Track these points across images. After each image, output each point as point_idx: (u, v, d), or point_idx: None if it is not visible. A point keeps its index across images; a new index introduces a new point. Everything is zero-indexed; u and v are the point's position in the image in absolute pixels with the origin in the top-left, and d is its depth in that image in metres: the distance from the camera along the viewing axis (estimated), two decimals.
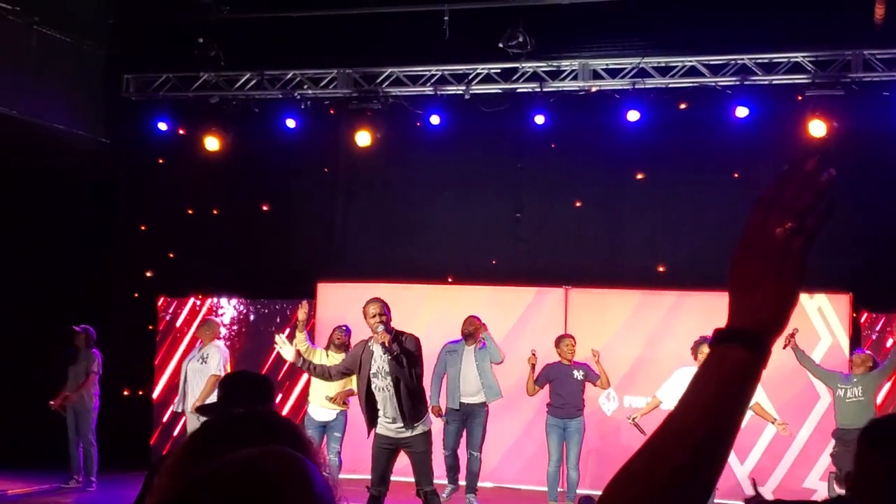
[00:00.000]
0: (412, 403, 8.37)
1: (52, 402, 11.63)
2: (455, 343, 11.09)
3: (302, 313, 9.87)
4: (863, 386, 10.35)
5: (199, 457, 1.19)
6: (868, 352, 10.79)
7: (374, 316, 8.30)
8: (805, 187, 1.29)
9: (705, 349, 9.60)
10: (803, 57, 11.58)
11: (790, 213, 1.28)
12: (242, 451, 1.16)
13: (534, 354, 10.86)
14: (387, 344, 8.21)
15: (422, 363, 8.56)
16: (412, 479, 8.70)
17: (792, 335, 10.28)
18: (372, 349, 8.41)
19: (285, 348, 8.63)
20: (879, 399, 11.23)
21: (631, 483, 1.22)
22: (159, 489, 1.21)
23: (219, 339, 11.70)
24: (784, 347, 10.15)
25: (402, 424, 8.36)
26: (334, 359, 10.60)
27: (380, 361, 8.34)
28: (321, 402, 10.64)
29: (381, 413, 8.39)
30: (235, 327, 13.57)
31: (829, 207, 1.29)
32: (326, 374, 8.89)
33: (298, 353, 8.64)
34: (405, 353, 8.29)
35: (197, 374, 10.95)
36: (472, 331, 11.01)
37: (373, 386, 8.36)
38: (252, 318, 13.56)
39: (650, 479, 1.20)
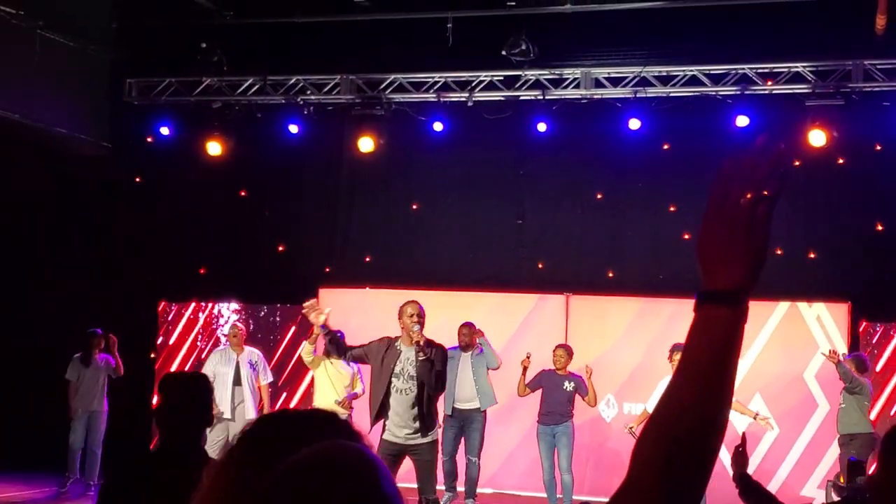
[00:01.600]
0: (430, 411, 8.34)
1: (71, 416, 11.75)
2: (453, 350, 11.10)
3: (321, 318, 10.00)
4: (843, 395, 10.53)
5: (261, 454, 1.22)
6: (850, 356, 10.89)
7: (413, 316, 8.25)
8: (760, 159, 1.41)
9: (677, 356, 9.72)
10: (804, 67, 11.62)
11: (750, 183, 1.39)
12: (315, 446, 1.22)
13: (528, 357, 10.94)
14: (421, 344, 8.16)
15: (446, 373, 8.57)
16: (410, 486, 8.71)
17: (833, 354, 10.67)
18: (399, 349, 8.30)
19: (314, 313, 8.29)
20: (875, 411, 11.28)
21: (652, 444, 1.34)
22: (214, 488, 1.23)
23: (248, 344, 11.79)
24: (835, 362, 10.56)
25: (414, 430, 8.29)
26: (337, 365, 10.73)
27: (405, 363, 8.26)
28: (329, 406, 10.70)
29: (394, 415, 8.27)
30: None
31: (784, 175, 1.40)
32: (344, 350, 8.58)
33: (326, 324, 8.29)
34: (438, 359, 8.28)
35: (251, 379, 11.29)
36: (469, 341, 11.06)
37: (392, 386, 8.25)
38: (254, 323, 13.58)
39: (668, 437, 1.33)
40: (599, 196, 12.87)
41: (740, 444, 4.51)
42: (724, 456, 11.62)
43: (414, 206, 13.35)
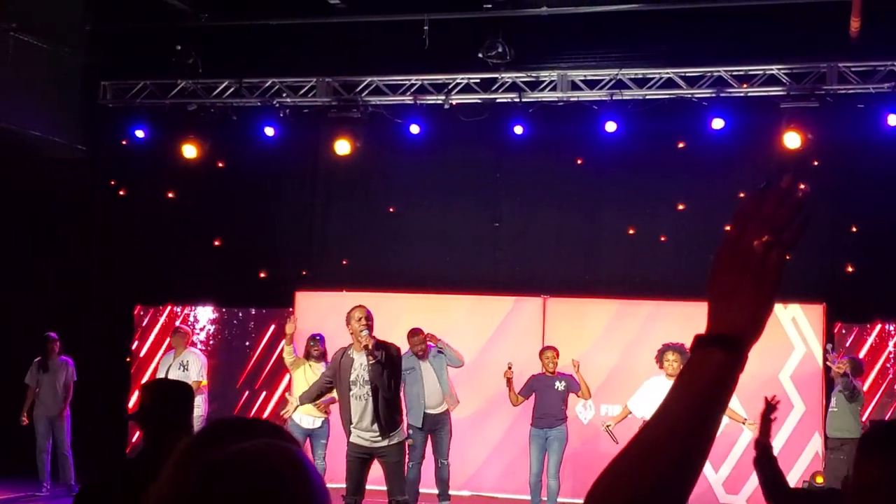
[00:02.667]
0: (389, 413, 8.37)
1: (24, 418, 11.70)
2: (407, 357, 10.93)
3: (290, 327, 10.05)
4: (836, 398, 10.51)
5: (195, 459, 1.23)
6: (845, 357, 10.84)
7: (360, 320, 8.30)
8: (781, 203, 1.37)
9: (670, 356, 9.84)
10: (778, 69, 11.68)
11: (767, 227, 1.36)
12: (243, 444, 1.22)
13: (510, 368, 10.86)
14: (370, 347, 8.19)
15: (400, 374, 8.59)
16: (380, 488, 8.72)
17: (840, 365, 10.39)
18: (352, 356, 8.39)
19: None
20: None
21: (620, 478, 1.29)
22: (159, 489, 1.24)
23: (193, 346, 11.94)
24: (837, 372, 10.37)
25: (377, 434, 8.34)
26: (316, 369, 10.77)
27: (359, 370, 8.34)
28: (306, 410, 10.70)
29: (355, 421, 8.36)
30: (213, 336, 13.53)
31: (804, 222, 1.37)
32: (317, 396, 8.94)
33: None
34: (388, 361, 8.28)
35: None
36: (423, 348, 10.97)
37: (351, 394, 8.35)
38: (230, 326, 13.53)
39: (639, 474, 1.28)
40: (576, 198, 12.90)
41: (768, 411, 4.28)
42: None
43: (391, 209, 13.34)
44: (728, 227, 1.39)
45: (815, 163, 11.79)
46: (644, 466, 1.28)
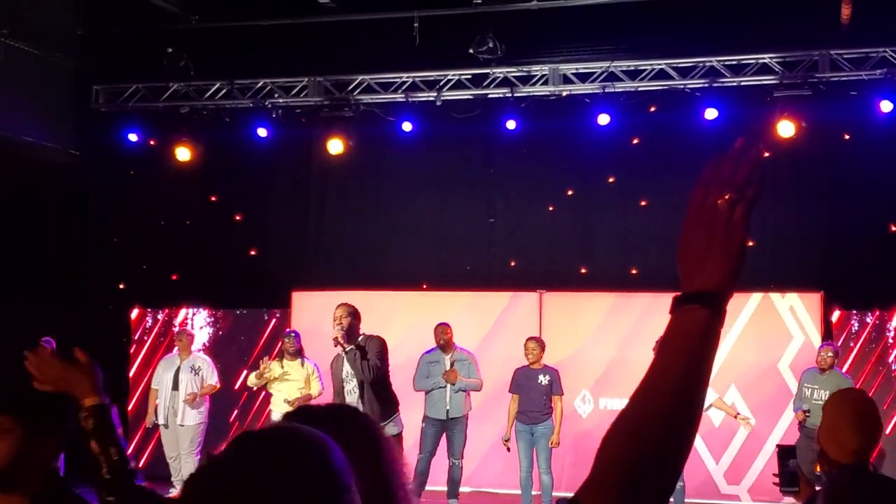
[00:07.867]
0: (378, 404, 8.63)
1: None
2: (432, 352, 10.98)
3: (263, 368, 10.56)
4: (829, 390, 10.44)
5: None
6: (830, 349, 10.76)
7: (335, 318, 8.68)
8: (739, 162, 1.44)
9: None
10: (770, 58, 11.66)
11: (729, 186, 1.43)
12: (269, 427, 1.31)
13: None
14: (339, 340, 8.54)
15: (386, 363, 8.68)
16: None
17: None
18: (341, 356, 8.79)
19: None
20: None
21: (629, 436, 1.34)
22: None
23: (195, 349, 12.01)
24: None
25: None
26: (289, 366, 10.81)
27: (346, 366, 8.73)
28: (283, 408, 10.72)
29: None
30: (210, 337, 13.52)
31: (762, 177, 1.43)
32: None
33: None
34: (360, 348, 8.57)
35: (191, 384, 11.27)
36: (447, 339, 10.96)
37: (345, 391, 8.77)
38: (227, 327, 13.52)
39: (646, 431, 1.33)
40: (570, 192, 12.89)
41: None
42: (699, 443, 11.67)
43: (385, 207, 13.33)
44: (692, 193, 1.45)
45: (809, 151, 11.78)
46: (650, 424, 1.33)
